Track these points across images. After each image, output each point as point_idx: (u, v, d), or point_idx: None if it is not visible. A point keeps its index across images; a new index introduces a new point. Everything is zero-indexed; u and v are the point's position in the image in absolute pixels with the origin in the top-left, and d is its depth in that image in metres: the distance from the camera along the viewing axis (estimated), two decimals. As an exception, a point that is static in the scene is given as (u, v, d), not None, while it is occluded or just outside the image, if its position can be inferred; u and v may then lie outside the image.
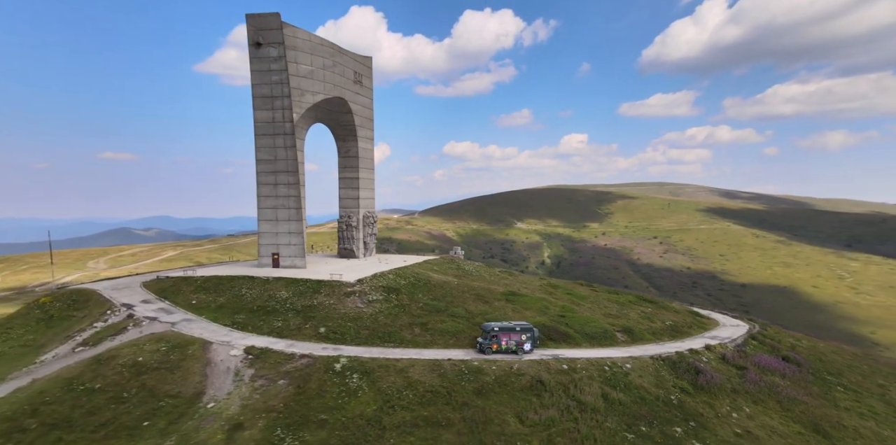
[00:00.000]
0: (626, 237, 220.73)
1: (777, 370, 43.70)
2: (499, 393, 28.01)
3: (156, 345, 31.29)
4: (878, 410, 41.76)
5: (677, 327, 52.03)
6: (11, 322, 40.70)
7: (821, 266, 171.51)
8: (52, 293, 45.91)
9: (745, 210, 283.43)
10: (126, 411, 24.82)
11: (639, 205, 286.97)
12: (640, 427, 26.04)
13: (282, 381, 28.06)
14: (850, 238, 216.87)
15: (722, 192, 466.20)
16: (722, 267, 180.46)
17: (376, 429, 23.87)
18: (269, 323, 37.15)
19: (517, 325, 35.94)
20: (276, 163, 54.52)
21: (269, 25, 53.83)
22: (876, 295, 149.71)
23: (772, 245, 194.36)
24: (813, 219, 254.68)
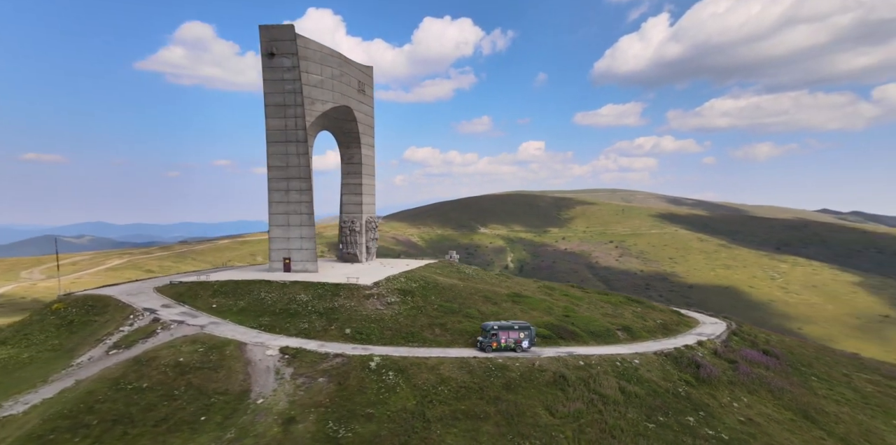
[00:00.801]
0: (584, 241, 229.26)
1: (761, 363, 47.48)
2: (526, 388, 30.20)
3: (192, 347, 32.36)
4: (848, 397, 45.90)
5: (667, 325, 55.39)
6: (28, 328, 40.83)
7: (756, 267, 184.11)
8: (63, 299, 45.95)
9: (691, 216, 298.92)
10: (180, 407, 26.00)
11: (595, 210, 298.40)
12: (657, 418, 28.60)
13: (322, 379, 29.61)
14: (779, 241, 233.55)
15: (669, 199, 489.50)
16: (671, 269, 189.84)
17: (421, 422, 25.71)
18: (295, 325, 38.49)
19: (515, 324, 37.31)
20: (288, 170, 55.80)
21: (283, 36, 55.35)
22: (802, 293, 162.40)
23: (714, 248, 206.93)
24: (748, 225, 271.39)
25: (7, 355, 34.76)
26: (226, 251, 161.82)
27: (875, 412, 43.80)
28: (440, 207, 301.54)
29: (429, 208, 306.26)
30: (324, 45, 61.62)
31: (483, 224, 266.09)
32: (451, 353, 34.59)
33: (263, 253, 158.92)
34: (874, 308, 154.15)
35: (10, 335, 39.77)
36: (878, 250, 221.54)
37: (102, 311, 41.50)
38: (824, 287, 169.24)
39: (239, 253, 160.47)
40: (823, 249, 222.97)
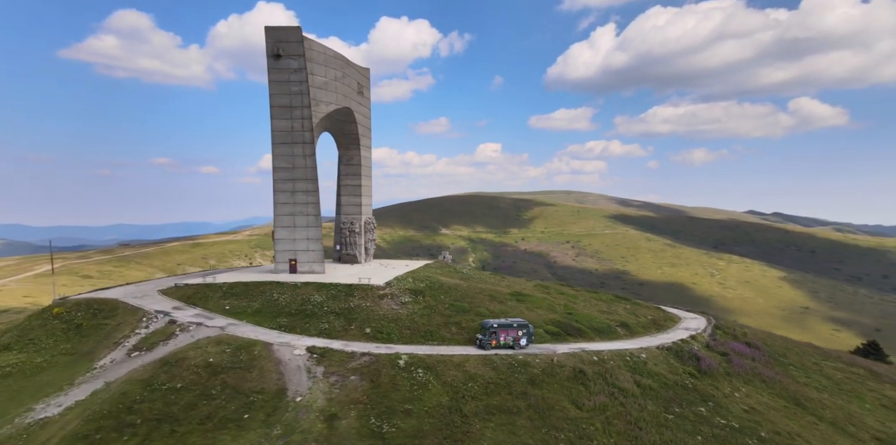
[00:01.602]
0: (542, 242, 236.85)
1: (748, 354, 50.70)
2: (549, 383, 31.74)
3: (219, 347, 32.52)
4: (824, 383, 49.68)
5: (657, 321, 58.23)
6: (31, 333, 39.67)
7: (697, 265, 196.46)
8: (61, 303, 44.81)
9: (640, 216, 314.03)
10: (221, 406, 26.33)
11: (553, 211, 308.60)
12: (674, 409, 30.60)
13: (353, 377, 30.36)
14: (715, 241, 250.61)
15: (618, 200, 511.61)
16: (623, 267, 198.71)
17: (458, 416, 26.85)
18: (315, 326, 38.94)
19: (514, 322, 38.00)
20: (294, 171, 55.86)
21: (289, 38, 55.48)
22: (737, 289, 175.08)
23: (661, 247, 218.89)
24: (688, 225, 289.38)
25: (18, 360, 33.98)
26: (176, 254, 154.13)
27: (849, 396, 47.53)
28: (401, 208, 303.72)
29: (390, 209, 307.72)
30: (327, 46, 61.97)
31: (445, 225, 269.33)
32: (472, 351, 35.83)
33: (217, 257, 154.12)
34: (797, 300, 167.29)
35: (12, 340, 38.68)
36: (798, 248, 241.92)
37: (111, 314, 40.84)
38: (755, 282, 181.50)
39: (191, 256, 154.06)
40: (752, 247, 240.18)
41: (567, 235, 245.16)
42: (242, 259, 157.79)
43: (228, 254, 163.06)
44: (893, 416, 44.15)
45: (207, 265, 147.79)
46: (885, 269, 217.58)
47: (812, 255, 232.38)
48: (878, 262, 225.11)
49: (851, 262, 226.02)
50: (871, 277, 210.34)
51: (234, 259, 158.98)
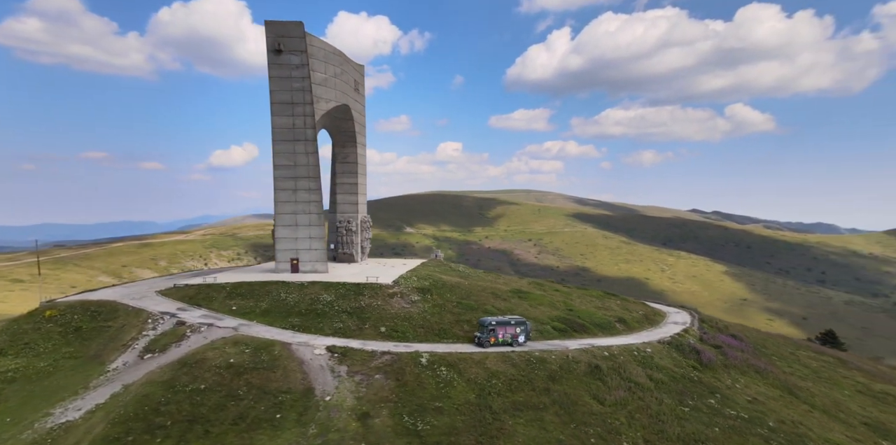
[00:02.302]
0: (506, 240, 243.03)
1: (736, 346, 53.12)
2: (568, 379, 32.60)
3: (237, 348, 31.99)
4: (805, 372, 52.71)
5: (648, 315, 60.26)
6: (25, 337, 37.82)
7: (650, 261, 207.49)
8: (53, 306, 42.93)
9: (597, 215, 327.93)
10: (251, 406, 26.01)
11: (515, 210, 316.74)
12: (687, 401, 31.94)
13: (378, 376, 30.43)
14: (665, 238, 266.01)
15: (576, 200, 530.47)
16: (583, 264, 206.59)
17: (488, 413, 27.33)
18: (329, 325, 38.69)
19: (512, 319, 38.19)
20: (296, 169, 55.02)
21: (291, 33, 54.56)
22: (685, 283, 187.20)
23: (617, 245, 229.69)
24: (641, 223, 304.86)
25: (18, 365, 32.51)
26: (121, 255, 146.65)
27: (829, 384, 50.57)
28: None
29: None
30: (326, 42, 61.23)
31: (410, 224, 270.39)
32: (489, 349, 36.33)
33: (168, 258, 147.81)
34: (737, 293, 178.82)
35: (5, 345, 36.78)
36: (736, 244, 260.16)
37: (112, 317, 39.44)
38: (701, 276, 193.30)
39: (138, 257, 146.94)
40: (697, 244, 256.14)
41: (529, 233, 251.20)
42: (197, 260, 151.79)
43: (181, 255, 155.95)
44: (870, 401, 47.25)
45: (158, 267, 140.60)
46: (809, 263, 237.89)
47: (748, 251, 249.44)
48: (802, 256, 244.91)
49: (781, 257, 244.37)
50: (797, 270, 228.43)
51: (187, 260, 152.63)
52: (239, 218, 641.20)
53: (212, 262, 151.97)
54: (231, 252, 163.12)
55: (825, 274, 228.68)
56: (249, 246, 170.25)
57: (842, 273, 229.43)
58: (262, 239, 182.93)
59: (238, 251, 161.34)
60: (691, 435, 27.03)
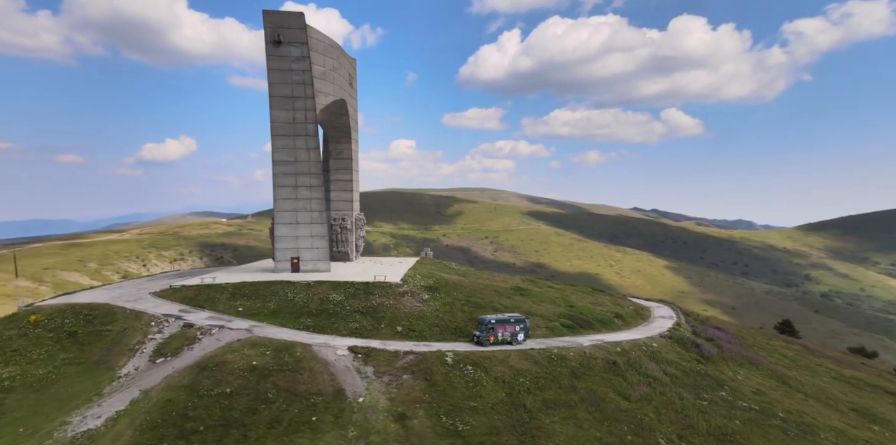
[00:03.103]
0: (463, 237, 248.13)
1: (725, 339, 55.53)
2: (589, 375, 33.18)
3: (256, 350, 30.89)
4: (785, 362, 55.77)
5: (638, 311, 62.22)
6: (10, 344, 34.85)
7: (599, 257, 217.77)
8: (37, 311, 40.06)
9: (551, 213, 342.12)
10: (284, 409, 25.20)
11: (472, 208, 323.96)
12: (703, 395, 33.13)
13: (406, 376, 30.09)
14: (611, 235, 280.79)
15: (528, 198, 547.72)
16: (538, 260, 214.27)
17: (523, 412, 27.50)
18: (344, 325, 37.92)
19: (511, 317, 37.81)
20: (296, 165, 53.45)
21: (291, 24, 52.92)
22: (630, 277, 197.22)
23: (569, 241, 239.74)
24: (590, 221, 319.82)
25: (13, 373, 30.19)
26: (41, 257, 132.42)
27: (808, 372, 53.62)
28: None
29: None
30: (324, 34, 59.74)
31: (367, 221, 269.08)
32: (509, 347, 36.54)
33: (99, 260, 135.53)
34: (677, 286, 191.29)
35: None
36: (674, 240, 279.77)
37: (109, 320, 37.22)
38: (644, 271, 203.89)
39: (63, 259, 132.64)
40: (640, 240, 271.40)
41: (486, 231, 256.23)
42: (133, 261, 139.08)
43: (114, 256, 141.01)
44: (847, 387, 50.39)
45: (87, 269, 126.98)
46: (734, 257, 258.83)
47: (684, 246, 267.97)
48: (728, 251, 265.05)
49: (711, 251, 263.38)
50: (724, 264, 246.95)
51: (121, 261, 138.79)
52: (177, 216, 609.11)
53: (151, 264, 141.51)
54: (173, 252, 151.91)
55: (748, 266, 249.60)
56: (194, 245, 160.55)
57: (761, 265, 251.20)
58: (209, 238, 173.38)
59: (181, 251, 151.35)
60: (718, 429, 28.09)
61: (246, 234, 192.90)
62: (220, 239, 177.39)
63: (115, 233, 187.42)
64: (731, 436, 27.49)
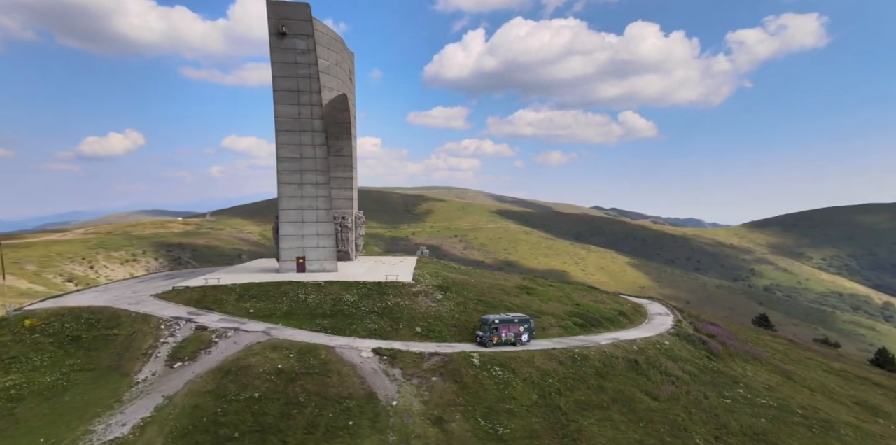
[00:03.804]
0: (432, 236, 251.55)
1: (724, 335, 56.64)
2: (614, 375, 33.30)
3: (279, 353, 29.89)
4: (779, 356, 57.16)
5: (636, 308, 63.14)
6: (7, 351, 32.70)
7: (566, 255, 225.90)
8: (31, 315, 37.82)
9: (517, 212, 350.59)
10: (318, 414, 24.41)
11: (440, 207, 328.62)
12: (724, 392, 33.64)
13: (435, 378, 29.58)
14: (576, 233, 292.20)
15: (495, 197, 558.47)
16: (506, 258, 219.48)
17: (559, 413, 27.37)
18: (362, 327, 37.11)
19: (515, 317, 36.79)
20: (302, 162, 52.02)
21: (296, 16, 51.47)
22: (595, 274, 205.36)
23: (537, 240, 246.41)
24: (555, 220, 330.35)
25: (18, 381, 28.38)
26: None
27: (802, 365, 55.20)
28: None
29: (269, 204, 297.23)
30: (328, 27, 58.38)
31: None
32: (532, 345, 36.39)
33: (39, 261, 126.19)
34: (637, 281, 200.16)
35: None
36: (633, 238, 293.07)
37: (114, 324, 35.45)
38: (607, 268, 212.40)
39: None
40: (603, 238, 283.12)
41: (454, 230, 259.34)
42: (79, 263, 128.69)
43: (57, 258, 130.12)
44: (841, 380, 52.14)
45: (25, 272, 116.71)
46: (688, 253, 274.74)
47: (643, 243, 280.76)
48: (682, 248, 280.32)
49: (667, 248, 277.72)
50: (679, 260, 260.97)
51: (65, 263, 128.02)
52: (123, 214, 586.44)
53: (99, 265, 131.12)
54: (125, 253, 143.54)
55: (700, 262, 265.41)
56: (148, 245, 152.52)
57: (712, 261, 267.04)
58: (164, 238, 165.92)
59: (133, 252, 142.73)
60: (750, 428, 28.50)
61: (205, 234, 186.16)
62: (176, 238, 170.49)
63: (56, 233, 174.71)
64: (764, 435, 27.96)
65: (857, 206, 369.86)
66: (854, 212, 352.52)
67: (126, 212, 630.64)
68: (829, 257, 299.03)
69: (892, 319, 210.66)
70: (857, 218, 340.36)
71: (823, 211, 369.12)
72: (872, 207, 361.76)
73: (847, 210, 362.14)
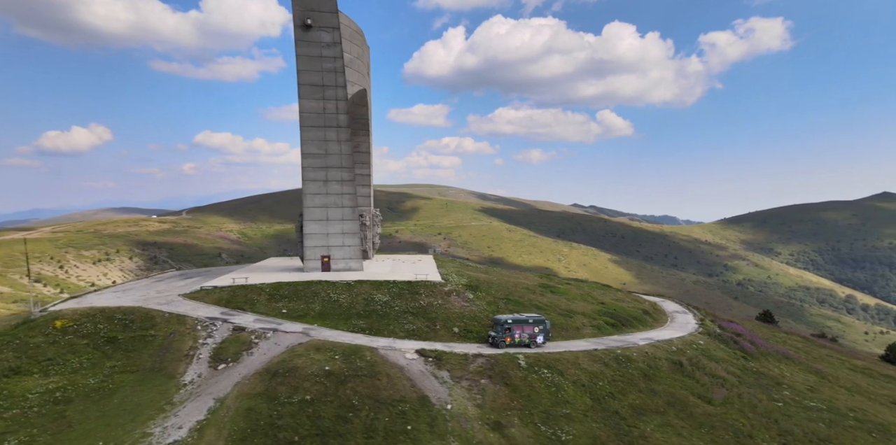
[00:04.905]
0: (416, 234, 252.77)
1: (748, 334, 56.18)
2: (660, 377, 32.81)
3: (323, 355, 29.27)
4: (803, 355, 56.67)
5: (654, 306, 62.66)
6: (41, 352, 31.81)
7: (549, 252, 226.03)
8: (60, 316, 37.00)
9: (500, 210, 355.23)
10: (374, 417, 23.91)
11: (424, 204, 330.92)
12: (773, 395, 33.10)
13: (484, 380, 29.05)
14: (558, 231, 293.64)
15: (477, 195, 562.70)
16: (490, 256, 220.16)
17: (617, 418, 26.86)
18: (399, 327, 36.54)
19: (529, 317, 35.24)
20: (327, 158, 51.14)
21: (322, 7, 50.37)
22: (578, 271, 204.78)
23: (520, 237, 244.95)
24: (537, 217, 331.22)
25: (61, 384, 27.77)
26: None
27: (825, 364, 54.61)
28: (260, 200, 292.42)
29: (246, 201, 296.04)
30: (350, 18, 57.23)
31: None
32: (571, 346, 35.92)
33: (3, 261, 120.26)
34: (619, 278, 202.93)
35: (21, 362, 30.99)
36: (613, 235, 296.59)
37: (149, 324, 34.71)
38: (590, 265, 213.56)
39: None
40: (584, 235, 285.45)
41: (438, 227, 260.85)
42: (47, 262, 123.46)
43: (22, 258, 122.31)
44: (868, 379, 51.60)
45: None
46: (665, 250, 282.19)
47: (623, 240, 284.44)
48: (660, 244, 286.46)
49: (646, 245, 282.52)
50: (657, 256, 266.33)
51: (32, 263, 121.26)
52: (89, 212, 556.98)
53: (70, 265, 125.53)
54: (97, 252, 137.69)
55: (677, 258, 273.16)
56: (122, 244, 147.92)
57: (688, 257, 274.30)
58: (139, 236, 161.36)
59: (106, 251, 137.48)
60: (813, 434, 27.90)
61: (182, 232, 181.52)
62: (152, 237, 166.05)
63: (21, 231, 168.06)
64: (828, 442, 27.42)
65: (820, 204, 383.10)
66: (818, 210, 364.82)
67: (93, 210, 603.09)
68: (796, 253, 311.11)
69: (854, 311, 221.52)
70: (821, 215, 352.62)
71: (790, 208, 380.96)
72: (835, 205, 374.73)
73: (812, 207, 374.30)
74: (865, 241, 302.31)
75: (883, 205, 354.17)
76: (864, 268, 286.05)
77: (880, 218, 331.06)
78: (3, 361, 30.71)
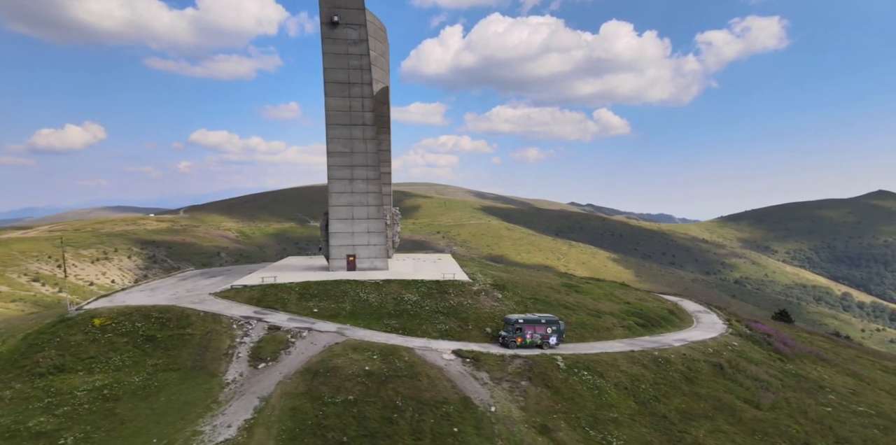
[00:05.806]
0: (415, 232, 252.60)
1: (775, 334, 54.95)
2: (702, 380, 32.21)
3: (361, 354, 29.20)
4: (835, 356, 55.33)
5: (676, 306, 61.63)
6: (82, 350, 32.07)
7: (548, 251, 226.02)
8: (98, 314, 37.33)
9: (499, 208, 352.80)
10: (419, 419, 23.81)
11: (422, 203, 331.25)
12: (819, 399, 32.28)
13: (524, 382, 28.77)
14: (556, 229, 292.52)
15: (475, 193, 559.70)
16: (489, 254, 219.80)
17: (667, 423, 26.40)
18: (432, 327, 36.37)
19: (542, 317, 34.47)
20: (353, 157, 51.00)
21: (348, 4, 50.10)
22: (577, 270, 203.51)
23: (519, 236, 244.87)
24: (536, 216, 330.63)
25: (107, 381, 27.99)
26: None
27: (858, 365, 53.24)
28: (258, 199, 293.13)
29: (244, 200, 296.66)
30: (374, 15, 56.89)
31: (314, 217, 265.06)
32: (605, 347, 35.46)
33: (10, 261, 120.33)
34: (619, 276, 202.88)
35: (65, 361, 31.22)
36: (611, 233, 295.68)
37: (185, 323, 34.89)
38: (589, 263, 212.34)
39: None
40: (582, 234, 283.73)
41: (437, 226, 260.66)
42: (45, 262, 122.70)
43: (20, 256, 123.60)
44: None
45: None
46: (664, 248, 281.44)
47: (621, 239, 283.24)
48: (659, 243, 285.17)
49: (644, 243, 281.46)
50: (656, 255, 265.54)
51: (29, 261, 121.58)
52: (83, 211, 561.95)
53: (68, 264, 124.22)
54: (95, 250, 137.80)
55: (675, 256, 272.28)
56: (120, 243, 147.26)
57: (686, 255, 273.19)
58: (138, 235, 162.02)
59: (104, 250, 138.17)
60: (872, 441, 26.97)
61: (181, 231, 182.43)
62: (150, 236, 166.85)
63: (18, 230, 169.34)
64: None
65: (816, 202, 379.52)
66: (814, 207, 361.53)
67: (87, 209, 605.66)
68: (793, 250, 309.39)
69: (850, 309, 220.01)
70: (818, 212, 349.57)
71: (787, 206, 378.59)
72: (831, 203, 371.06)
73: (808, 205, 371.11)
74: (861, 239, 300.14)
75: (879, 203, 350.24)
76: (860, 266, 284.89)
77: (876, 216, 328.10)
78: (48, 359, 31.11)
